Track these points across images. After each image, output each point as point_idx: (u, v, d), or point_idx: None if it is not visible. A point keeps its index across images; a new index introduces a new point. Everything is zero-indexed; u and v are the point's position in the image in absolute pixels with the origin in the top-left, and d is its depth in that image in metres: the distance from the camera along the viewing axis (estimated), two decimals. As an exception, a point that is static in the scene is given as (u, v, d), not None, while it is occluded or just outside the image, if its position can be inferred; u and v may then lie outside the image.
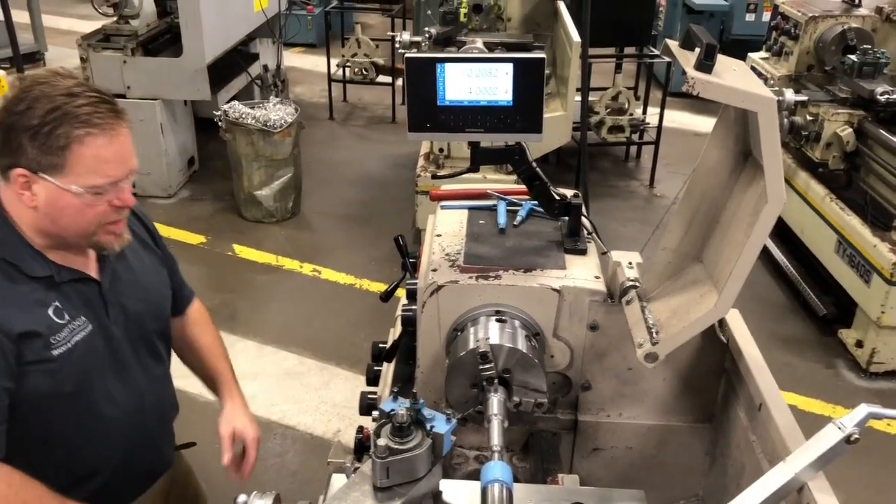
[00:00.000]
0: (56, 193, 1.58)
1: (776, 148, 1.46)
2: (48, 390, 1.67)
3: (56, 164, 1.55)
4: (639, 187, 6.38)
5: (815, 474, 1.42)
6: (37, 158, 1.55)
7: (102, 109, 1.58)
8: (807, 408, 3.88)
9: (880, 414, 1.42)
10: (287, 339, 4.27)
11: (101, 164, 1.59)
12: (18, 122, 1.54)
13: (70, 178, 1.57)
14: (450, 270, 1.94)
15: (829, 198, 4.45)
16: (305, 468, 3.39)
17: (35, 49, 8.60)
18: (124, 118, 1.64)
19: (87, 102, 1.56)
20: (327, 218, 5.73)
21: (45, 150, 1.54)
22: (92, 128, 1.56)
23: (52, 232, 1.65)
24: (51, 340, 1.64)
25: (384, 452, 1.44)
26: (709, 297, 1.68)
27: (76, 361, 1.69)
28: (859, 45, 4.70)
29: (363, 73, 7.49)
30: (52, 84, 1.57)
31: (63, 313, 1.68)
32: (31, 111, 1.53)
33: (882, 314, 3.91)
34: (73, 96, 1.56)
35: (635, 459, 2.10)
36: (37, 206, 1.60)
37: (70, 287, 1.71)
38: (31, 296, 1.64)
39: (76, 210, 1.61)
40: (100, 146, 1.57)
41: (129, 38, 5.52)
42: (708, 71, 1.41)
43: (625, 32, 6.11)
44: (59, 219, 1.62)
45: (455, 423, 1.50)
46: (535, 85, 1.82)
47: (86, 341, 1.71)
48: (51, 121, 1.53)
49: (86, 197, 1.59)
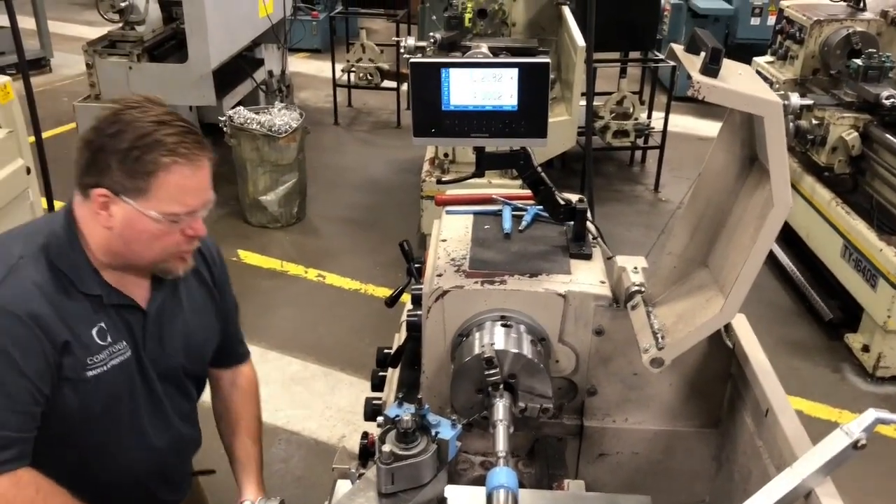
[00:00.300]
0: (134, 217, 1.61)
1: (782, 152, 1.46)
2: (75, 408, 1.68)
3: (140, 188, 1.59)
4: (644, 192, 6.38)
5: (822, 480, 1.40)
6: (122, 181, 1.58)
7: (189, 140, 1.62)
8: (813, 412, 3.86)
9: (888, 419, 1.41)
10: (292, 344, 4.27)
11: (182, 193, 1.62)
12: (109, 144, 1.57)
13: (151, 203, 1.60)
14: (455, 275, 1.94)
15: (834, 202, 4.44)
16: (310, 473, 3.39)
17: (41, 55, 8.64)
18: (208, 150, 1.69)
19: (175, 132, 1.60)
20: (332, 223, 5.73)
21: (132, 173, 1.58)
22: (179, 157, 1.59)
23: (120, 253, 1.68)
24: (87, 360, 1.67)
25: (389, 458, 1.44)
26: (715, 302, 1.67)
27: (107, 385, 1.71)
28: (864, 49, 4.69)
29: (368, 78, 7.50)
30: (144, 110, 1.61)
31: (106, 335, 1.70)
32: (122, 134, 1.57)
33: (888, 318, 3.90)
34: (163, 124, 1.60)
35: (641, 465, 2.09)
36: (112, 227, 1.63)
37: (116, 311, 1.72)
38: (80, 311, 1.66)
39: (151, 235, 1.64)
40: (184, 175, 1.61)
41: (135, 44, 5.53)
42: (714, 75, 1.41)
43: (629, 36, 6.11)
44: (132, 242, 1.65)
45: (460, 428, 1.50)
46: (540, 89, 1.82)
47: (121, 367, 1.73)
48: (140, 146, 1.57)
49: (163, 224, 1.62)
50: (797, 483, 1.39)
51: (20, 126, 3.35)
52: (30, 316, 1.57)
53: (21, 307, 1.57)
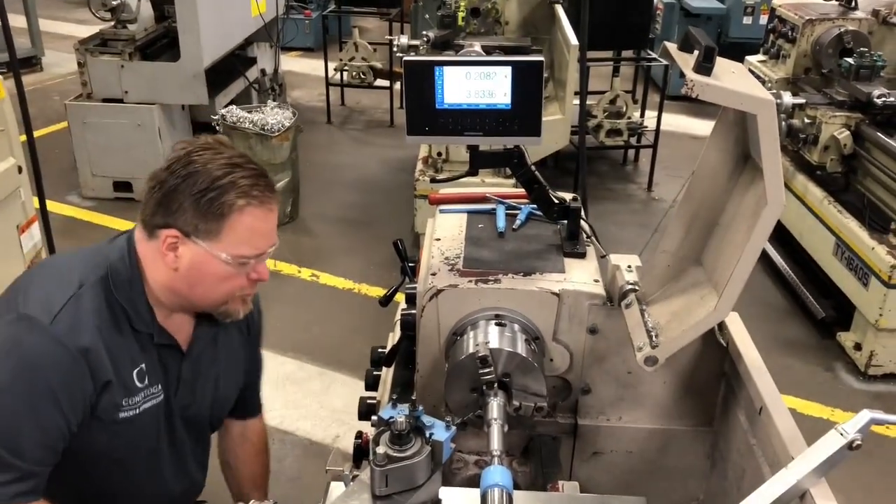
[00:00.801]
0: (203, 258, 1.61)
1: (775, 150, 1.46)
2: (100, 450, 1.69)
3: (212, 230, 1.59)
4: (637, 191, 6.39)
5: (817, 481, 1.41)
6: (194, 222, 1.58)
7: (262, 183, 1.63)
8: (805, 410, 3.87)
9: (883, 419, 1.41)
10: (286, 344, 4.26)
11: (253, 235, 1.63)
12: (182, 185, 1.57)
13: (222, 245, 1.60)
14: (449, 274, 1.94)
15: (826, 201, 4.46)
16: (305, 474, 3.38)
17: (32, 54, 8.60)
18: (278, 193, 1.70)
19: (248, 174, 1.61)
20: (325, 222, 5.72)
21: (205, 215, 1.58)
22: (252, 199, 1.60)
23: (183, 294, 1.68)
24: (123, 402, 1.67)
25: (383, 460, 1.43)
26: (709, 300, 1.67)
27: (136, 429, 1.71)
28: (856, 48, 4.71)
29: (361, 77, 7.49)
30: (217, 152, 1.62)
31: (145, 377, 1.70)
32: (196, 175, 1.57)
33: (880, 317, 3.91)
34: (237, 167, 1.61)
35: (635, 463, 2.09)
36: (178, 268, 1.63)
37: (158, 351, 1.73)
38: (128, 350, 1.67)
39: (217, 278, 1.64)
40: (256, 218, 1.62)
41: (127, 42, 5.52)
42: (707, 73, 1.41)
43: (622, 35, 6.11)
44: (198, 284, 1.65)
45: (454, 430, 1.49)
46: (533, 88, 1.82)
47: (152, 411, 1.74)
48: (216, 188, 1.57)
49: (231, 266, 1.63)
50: (792, 484, 1.39)
51: (11, 125, 3.33)
52: (81, 351, 1.56)
53: (75, 341, 1.56)
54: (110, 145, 5.58)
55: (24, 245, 3.38)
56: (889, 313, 3.89)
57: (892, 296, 3.85)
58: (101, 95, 5.56)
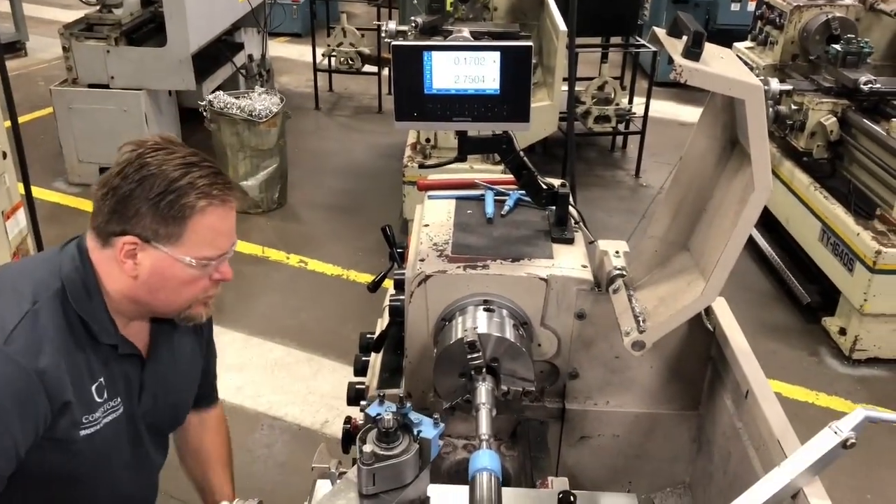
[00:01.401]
0: (165, 264, 1.56)
1: (763, 136, 1.47)
2: (59, 471, 1.62)
3: (173, 233, 1.54)
4: (625, 177, 6.40)
5: (810, 479, 1.39)
6: (154, 227, 1.53)
7: (220, 181, 1.58)
8: (790, 395, 3.91)
9: (877, 418, 1.39)
10: (274, 330, 4.26)
11: (215, 236, 1.59)
12: (138, 190, 1.51)
13: (184, 248, 1.55)
14: (437, 260, 1.94)
15: (813, 187, 4.48)
16: (293, 459, 3.39)
17: (16, 38, 8.51)
18: (237, 189, 1.64)
19: (206, 173, 1.56)
20: (314, 209, 5.71)
21: (166, 219, 1.52)
22: (213, 199, 1.55)
23: (144, 301, 1.62)
24: (83, 420, 1.59)
25: (370, 459, 1.40)
26: (696, 285, 1.68)
27: (98, 445, 1.64)
28: (843, 35, 4.73)
29: (349, 63, 7.46)
30: (169, 151, 1.55)
31: (104, 391, 1.63)
32: (152, 179, 1.51)
33: (865, 302, 3.95)
34: (193, 166, 1.55)
35: (623, 447, 2.11)
36: (137, 276, 1.57)
37: (119, 362, 1.66)
38: (88, 365, 1.59)
39: (180, 282, 1.59)
40: (218, 218, 1.57)
41: (113, 27, 5.46)
42: (695, 59, 1.42)
43: (611, 22, 6.11)
44: (160, 290, 1.60)
45: (442, 427, 1.46)
46: (522, 73, 1.82)
47: (113, 425, 1.66)
48: (174, 190, 1.51)
49: (195, 269, 1.58)
50: (786, 483, 1.38)
51: (-4, 107, 3.31)
52: (37, 372, 1.48)
53: (32, 361, 1.48)
54: (96, 131, 5.54)
55: (9, 231, 3.35)
56: (874, 298, 3.93)
57: (876, 281, 3.88)
58: (87, 81, 5.52)
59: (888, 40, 5.05)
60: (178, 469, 2.17)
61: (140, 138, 1.60)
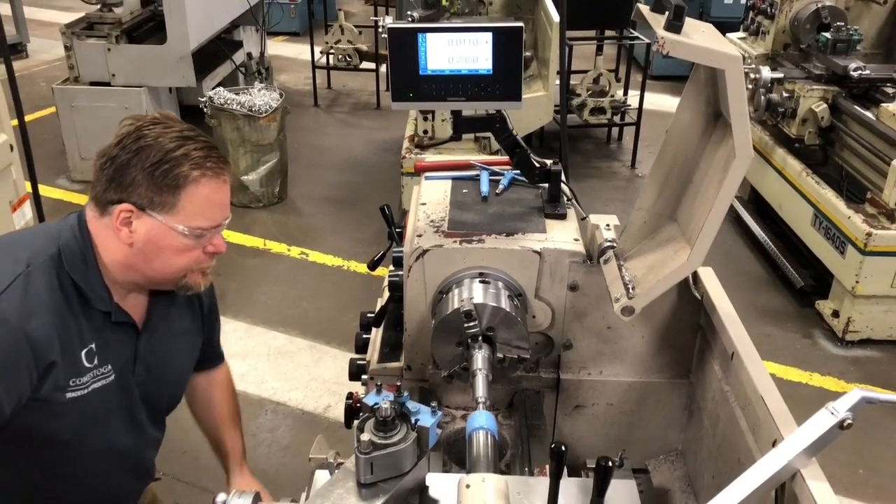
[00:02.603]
0: (159, 232, 1.60)
1: (743, 104, 1.53)
2: (43, 432, 1.64)
3: (167, 202, 1.58)
4: (621, 168, 6.47)
5: (808, 461, 1.39)
6: (149, 195, 1.57)
7: (214, 155, 1.63)
8: (785, 376, 3.98)
9: (874, 398, 1.40)
10: (276, 319, 4.33)
11: (209, 207, 1.63)
12: (135, 160, 1.56)
13: (178, 217, 1.60)
14: (435, 236, 2.00)
15: (805, 172, 4.55)
16: (297, 442, 3.46)
17: (17, 41, 8.58)
18: (229, 166, 1.70)
19: (201, 146, 1.61)
20: (314, 202, 5.78)
21: (161, 188, 1.57)
22: (207, 170, 1.60)
23: (139, 269, 1.66)
24: (69, 382, 1.62)
25: (368, 447, 1.41)
26: (682, 252, 1.75)
27: (84, 410, 1.66)
28: (833, 23, 4.80)
29: (347, 60, 7.52)
30: (167, 125, 1.61)
31: (94, 357, 1.66)
32: (148, 149, 1.56)
33: (856, 283, 4.02)
34: (188, 139, 1.60)
35: (616, 416, 2.18)
36: (133, 244, 1.61)
37: (112, 330, 1.69)
38: (76, 330, 1.62)
39: (174, 251, 1.63)
40: (211, 189, 1.62)
41: (113, 25, 5.53)
42: (677, 31, 1.48)
43: (605, 15, 6.19)
44: (154, 258, 1.63)
45: (440, 415, 1.49)
46: (514, 53, 1.88)
47: (102, 391, 1.68)
48: (170, 160, 1.56)
49: (188, 238, 1.62)
50: (783, 464, 1.38)
51: (1, 104, 3.37)
52: (25, 333, 1.51)
53: (21, 320, 1.51)
54: (98, 128, 5.59)
55: (16, 223, 3.43)
56: (865, 280, 4.00)
57: (867, 263, 3.95)
58: (89, 79, 5.59)
59: (878, 29, 5.12)
60: (183, 453, 2.24)
61: (140, 114, 1.67)
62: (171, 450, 2.52)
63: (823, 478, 1.38)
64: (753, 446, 1.64)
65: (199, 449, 3.24)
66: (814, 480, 1.37)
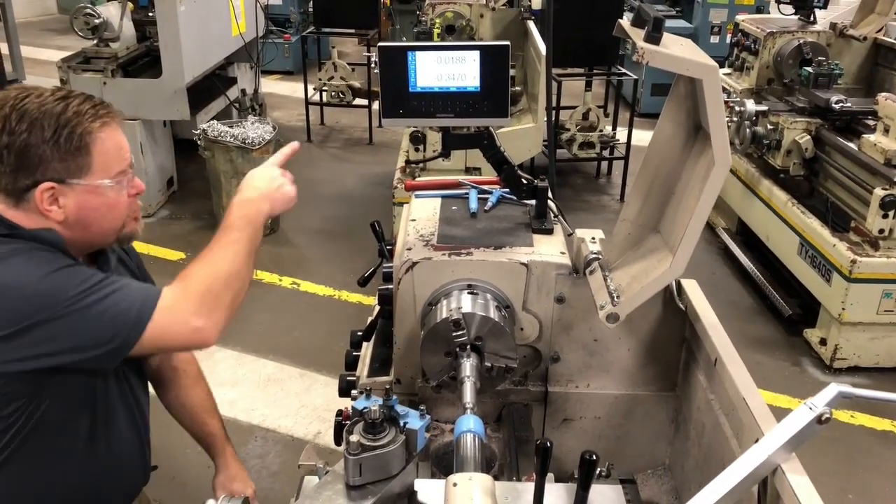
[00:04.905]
0: (88, 195, 1.59)
1: (720, 114, 1.59)
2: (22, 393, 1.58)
3: (84, 164, 1.57)
4: (610, 201, 6.54)
5: (787, 456, 1.42)
6: (63, 165, 1.55)
7: (98, 102, 1.63)
8: (774, 402, 3.99)
9: (850, 393, 1.42)
10: (267, 347, 4.33)
11: (119, 150, 1.63)
12: (31, 138, 1.53)
13: (99, 174, 1.59)
14: (424, 249, 2.04)
15: (790, 203, 4.62)
16: (286, 468, 3.44)
17: (13, 77, 8.65)
18: (112, 105, 1.68)
19: (83, 100, 1.60)
20: (306, 234, 5.81)
21: (72, 153, 1.55)
22: (102, 119, 1.59)
23: (82, 239, 1.65)
24: None
25: (357, 449, 1.43)
26: (665, 261, 1.79)
27: (70, 382, 1.62)
28: (815, 58, 4.92)
29: (340, 96, 7.63)
30: (38, 94, 1.58)
31: None
32: (38, 122, 1.53)
33: (843, 311, 4.06)
34: (67, 98, 1.58)
35: (604, 429, 2.20)
36: (65, 219, 1.59)
37: None
38: None
39: (107, 206, 1.63)
40: (114, 133, 1.62)
41: (109, 60, 5.62)
42: (656, 42, 1.54)
43: (593, 52, 6.30)
44: (92, 222, 1.63)
45: (429, 419, 1.51)
46: (501, 71, 1.94)
47: None
48: (65, 123, 1.54)
49: (115, 188, 1.62)
50: (763, 459, 1.40)
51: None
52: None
53: None
54: (92, 161, 5.63)
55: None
56: (851, 307, 4.04)
57: (853, 290, 4.00)
58: (84, 112, 5.63)
59: (858, 65, 5.25)
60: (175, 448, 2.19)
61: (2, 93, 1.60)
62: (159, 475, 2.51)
63: (804, 472, 1.40)
64: (738, 450, 1.66)
65: (185, 473, 3.23)
66: (794, 474, 1.39)
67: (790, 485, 1.37)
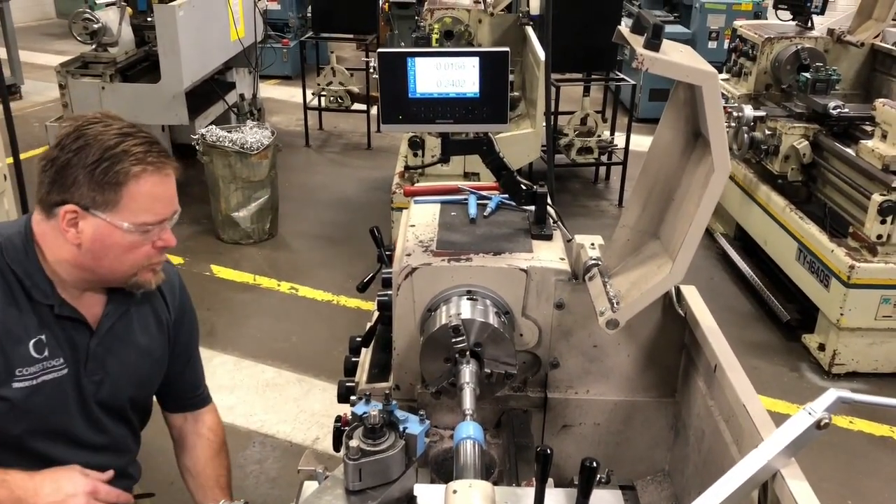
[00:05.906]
0: (105, 230, 1.61)
1: (720, 120, 1.59)
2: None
3: (110, 200, 1.59)
4: (608, 207, 6.55)
5: (787, 461, 1.42)
6: (91, 195, 1.58)
7: (155, 149, 1.64)
8: (773, 408, 3.99)
9: (849, 398, 1.42)
10: (265, 353, 4.33)
11: (153, 202, 1.64)
12: (74, 160, 1.57)
13: (122, 214, 1.61)
14: (423, 255, 2.04)
15: (788, 208, 4.62)
16: (285, 474, 3.43)
17: (12, 82, 8.67)
18: (173, 160, 1.70)
19: (140, 142, 1.62)
20: (304, 239, 5.81)
21: (101, 186, 1.58)
22: (148, 165, 1.61)
23: (90, 268, 1.67)
24: (16, 372, 1.63)
25: (356, 454, 1.43)
26: (665, 267, 1.79)
27: (36, 402, 1.66)
28: (812, 64, 4.93)
29: (338, 101, 7.64)
30: (106, 124, 1.62)
31: (44, 349, 1.67)
32: (88, 148, 1.57)
33: (841, 316, 4.06)
34: (128, 136, 1.62)
35: (603, 435, 2.19)
36: (80, 244, 1.62)
37: (61, 325, 1.70)
38: (24, 320, 1.64)
39: (122, 248, 1.64)
40: (154, 184, 1.63)
41: (108, 65, 5.60)
42: (655, 49, 1.54)
43: (591, 58, 6.32)
44: (103, 257, 1.64)
45: (428, 424, 1.50)
46: (500, 77, 1.94)
47: (55, 384, 1.69)
48: (109, 157, 1.57)
49: (134, 235, 1.63)
50: (763, 464, 1.40)
51: (-5, 137, 3.42)
52: None
53: None
54: (90, 166, 5.63)
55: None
56: (849, 313, 4.04)
57: (851, 295, 4.00)
58: (83, 117, 5.63)
59: (856, 70, 5.26)
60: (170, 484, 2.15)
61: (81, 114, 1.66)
62: (158, 481, 2.51)
63: (803, 477, 1.40)
64: (737, 456, 1.65)
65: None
66: (794, 480, 1.39)
67: (790, 490, 1.37)
